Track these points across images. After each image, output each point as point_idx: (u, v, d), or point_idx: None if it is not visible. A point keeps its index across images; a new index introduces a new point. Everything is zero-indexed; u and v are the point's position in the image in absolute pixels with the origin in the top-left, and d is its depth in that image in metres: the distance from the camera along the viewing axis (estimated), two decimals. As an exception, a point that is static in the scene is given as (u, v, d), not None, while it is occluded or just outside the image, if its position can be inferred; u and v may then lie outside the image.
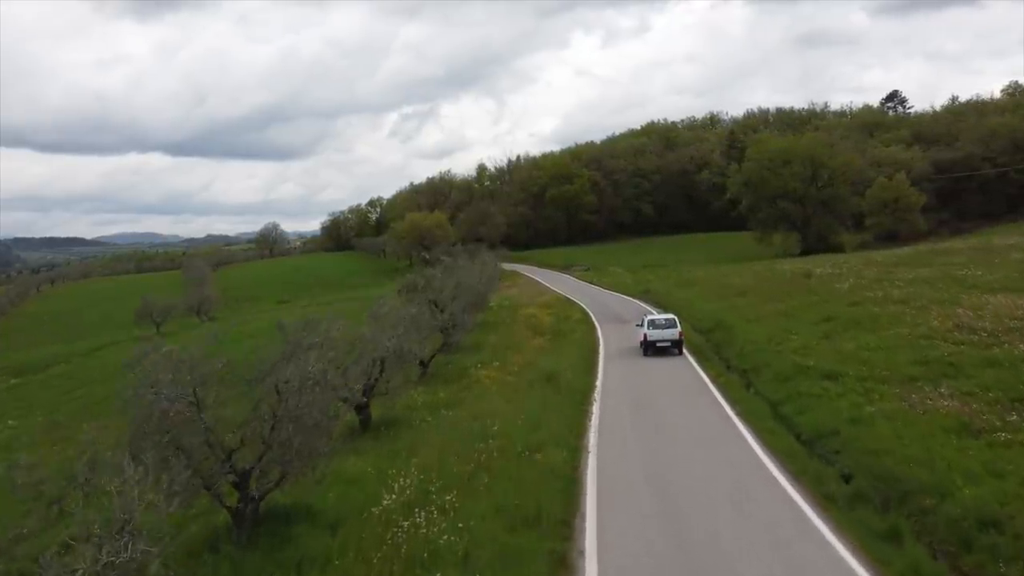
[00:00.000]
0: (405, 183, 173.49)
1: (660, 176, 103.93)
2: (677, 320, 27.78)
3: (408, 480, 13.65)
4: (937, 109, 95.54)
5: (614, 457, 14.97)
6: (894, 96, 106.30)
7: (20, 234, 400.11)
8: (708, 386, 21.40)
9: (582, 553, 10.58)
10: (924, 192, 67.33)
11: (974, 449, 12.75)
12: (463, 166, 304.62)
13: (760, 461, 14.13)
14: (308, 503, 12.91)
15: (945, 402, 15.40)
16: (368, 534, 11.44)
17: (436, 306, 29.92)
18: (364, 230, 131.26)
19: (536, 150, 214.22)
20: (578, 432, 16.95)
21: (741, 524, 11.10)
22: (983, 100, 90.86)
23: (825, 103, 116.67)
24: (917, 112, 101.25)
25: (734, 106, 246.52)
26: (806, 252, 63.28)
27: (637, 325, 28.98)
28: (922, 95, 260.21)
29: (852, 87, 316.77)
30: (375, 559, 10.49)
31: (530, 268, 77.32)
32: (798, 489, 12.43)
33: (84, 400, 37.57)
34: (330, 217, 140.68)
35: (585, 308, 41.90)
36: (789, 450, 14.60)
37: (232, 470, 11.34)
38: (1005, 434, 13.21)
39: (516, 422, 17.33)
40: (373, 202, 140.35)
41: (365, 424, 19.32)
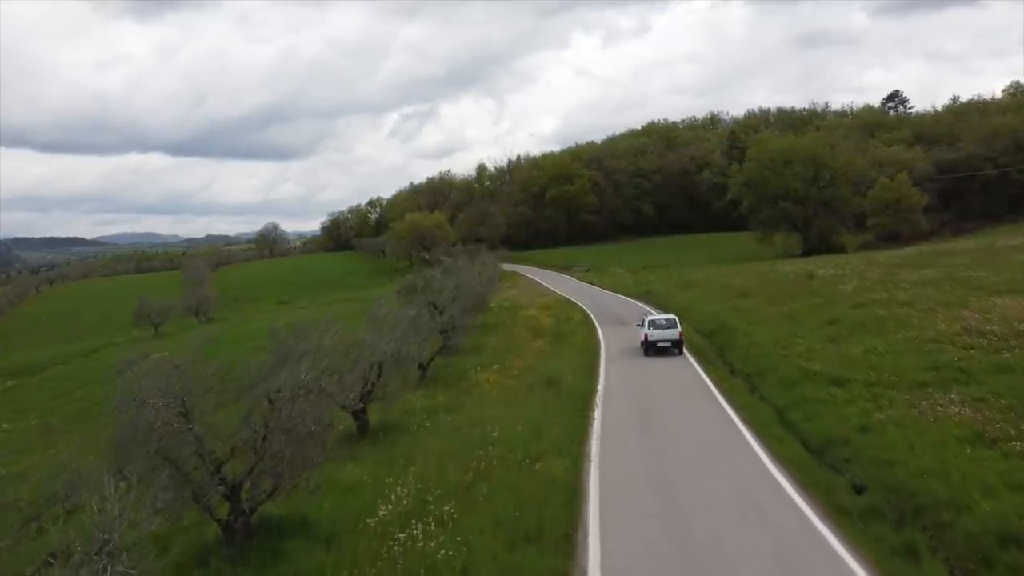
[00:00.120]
0: (405, 183, 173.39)
1: (661, 176, 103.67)
2: (677, 320, 28.01)
3: (405, 489, 13.31)
4: (938, 109, 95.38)
5: (617, 467, 14.51)
6: (895, 96, 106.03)
7: (20, 234, 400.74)
8: (712, 391, 20.97)
9: (584, 573, 10.18)
10: (926, 192, 67.06)
11: (989, 460, 12.30)
12: (463, 166, 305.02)
13: (769, 472, 13.66)
14: (302, 514, 12.53)
15: (956, 409, 14.95)
16: (363, 548, 11.08)
17: (435, 308, 29.60)
18: (364, 230, 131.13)
19: (536, 150, 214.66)
20: (580, 439, 16.52)
21: (752, 542, 10.63)
22: (985, 100, 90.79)
23: (826, 103, 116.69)
24: (918, 112, 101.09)
25: (734, 106, 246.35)
26: (807, 253, 63.00)
27: (638, 325, 29.19)
28: (922, 95, 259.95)
29: (852, 87, 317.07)
30: (371, 575, 10.15)
31: (530, 269, 76.99)
32: (809, 502, 11.98)
33: (80, 403, 37.26)
34: (330, 217, 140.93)
35: (586, 309, 41.53)
36: (798, 459, 14.15)
37: (222, 482, 10.94)
38: (1021, 444, 12.72)
39: (516, 428, 16.98)
40: (373, 202, 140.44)
41: (363, 430, 18.94)
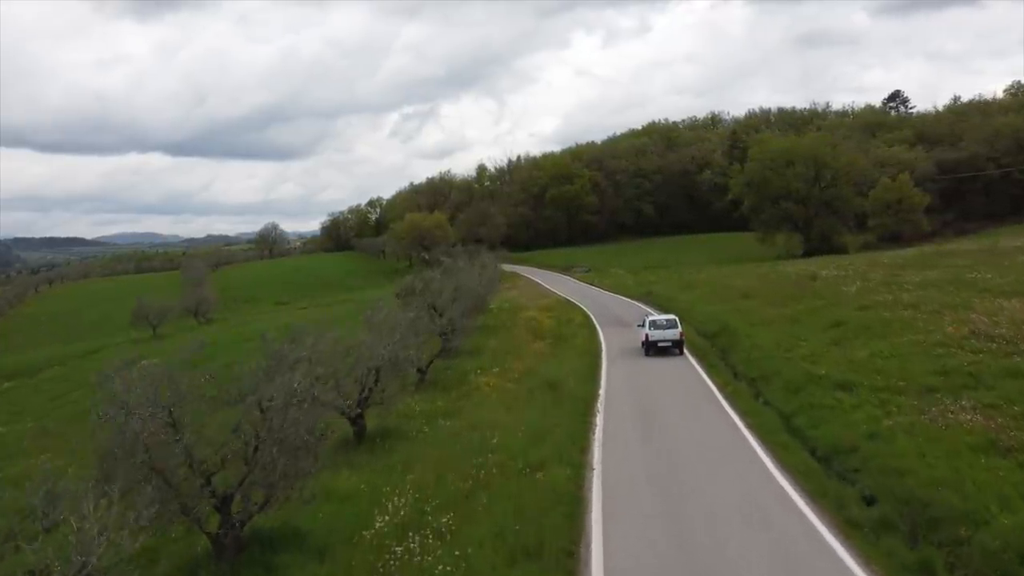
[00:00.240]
0: (405, 183, 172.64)
1: (661, 176, 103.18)
2: (678, 321, 28.18)
3: (403, 499, 12.99)
4: (939, 109, 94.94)
5: (620, 476, 14.13)
6: (896, 96, 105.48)
7: (20, 234, 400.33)
8: (716, 395, 20.61)
9: None
10: (928, 193, 66.62)
11: (1004, 470, 11.90)
12: (463, 166, 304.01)
13: (777, 482, 13.28)
14: (296, 525, 12.19)
15: (967, 416, 14.54)
16: (358, 561, 10.75)
17: (435, 310, 29.23)
18: (364, 230, 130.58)
19: (536, 150, 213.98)
20: (581, 446, 16.17)
21: (762, 558, 10.25)
22: (986, 100, 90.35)
23: (827, 103, 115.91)
24: (919, 112, 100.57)
25: (735, 106, 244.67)
26: (809, 253, 62.63)
27: (639, 326, 29.26)
28: (923, 95, 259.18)
29: (853, 87, 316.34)
30: (365, 590, 9.84)
31: (530, 269, 76.60)
32: (819, 515, 11.60)
33: (76, 406, 36.76)
34: (330, 217, 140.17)
35: (586, 311, 41.18)
36: (805, 468, 13.78)
37: (212, 493, 10.58)
38: (1036, 453, 12.39)
39: (517, 434, 16.65)
40: (373, 202, 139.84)
41: (360, 435, 18.57)
